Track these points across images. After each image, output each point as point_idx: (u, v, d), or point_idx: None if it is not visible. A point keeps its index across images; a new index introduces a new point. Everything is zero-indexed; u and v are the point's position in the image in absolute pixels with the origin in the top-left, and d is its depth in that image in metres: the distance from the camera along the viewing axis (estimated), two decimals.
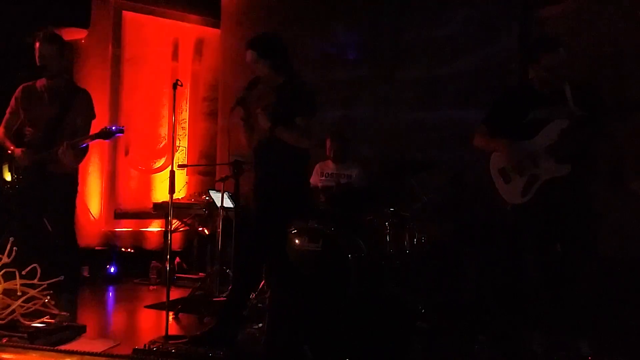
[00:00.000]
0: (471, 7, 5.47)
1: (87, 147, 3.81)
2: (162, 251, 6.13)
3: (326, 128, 5.89)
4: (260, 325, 3.68)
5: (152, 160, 6.63)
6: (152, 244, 6.42)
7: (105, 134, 3.70)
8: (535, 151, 3.17)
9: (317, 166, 5.28)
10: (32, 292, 2.84)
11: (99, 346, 3.02)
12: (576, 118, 3.08)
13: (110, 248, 6.10)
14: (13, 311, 2.77)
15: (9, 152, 3.68)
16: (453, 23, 5.55)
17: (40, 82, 3.77)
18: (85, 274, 5.65)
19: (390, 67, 5.85)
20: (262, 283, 4.17)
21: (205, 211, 5.60)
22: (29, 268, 2.85)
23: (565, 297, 3.22)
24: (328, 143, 5.15)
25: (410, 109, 5.71)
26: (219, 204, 4.95)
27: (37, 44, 3.70)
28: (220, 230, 4.96)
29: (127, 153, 6.47)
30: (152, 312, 4.50)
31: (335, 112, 6.04)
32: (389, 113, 5.81)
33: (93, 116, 3.88)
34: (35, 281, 2.85)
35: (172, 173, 3.54)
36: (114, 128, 3.73)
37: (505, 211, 3.40)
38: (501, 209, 3.44)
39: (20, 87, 3.80)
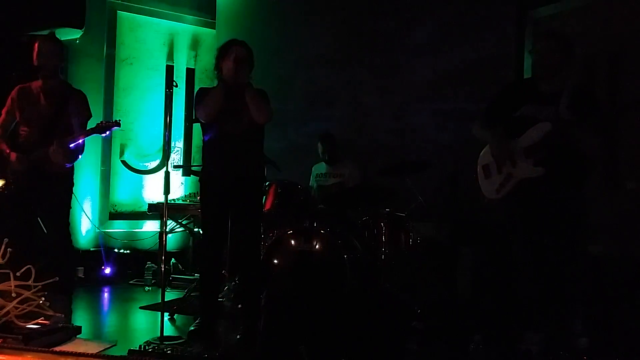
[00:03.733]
0: (467, 8, 5.48)
1: (82, 147, 3.81)
2: (157, 252, 6.12)
3: (326, 120, 5.94)
4: (256, 325, 3.67)
5: (147, 161, 6.61)
6: (147, 244, 6.40)
7: (102, 128, 3.71)
8: (515, 151, 3.24)
9: (313, 168, 5.37)
10: (26, 294, 2.83)
11: (94, 347, 3.01)
12: (560, 123, 3.12)
13: (105, 249, 6.08)
14: (8, 312, 2.76)
15: (5, 155, 3.66)
16: (450, 24, 5.56)
17: (36, 84, 3.77)
18: (80, 275, 5.64)
19: (386, 67, 5.86)
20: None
21: (200, 212, 5.58)
22: (23, 269, 2.84)
23: (557, 295, 3.27)
24: (320, 146, 5.22)
25: (407, 110, 5.72)
26: None
27: (37, 44, 3.69)
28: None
29: (122, 153, 6.45)
30: (148, 313, 4.49)
31: (335, 111, 6.06)
32: (386, 114, 5.83)
33: (89, 116, 3.87)
34: (30, 282, 2.84)
35: (168, 174, 3.53)
36: (110, 122, 3.73)
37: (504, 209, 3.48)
38: (498, 208, 3.50)
39: (17, 87, 3.79)
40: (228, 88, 3.53)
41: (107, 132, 3.78)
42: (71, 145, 3.67)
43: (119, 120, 3.77)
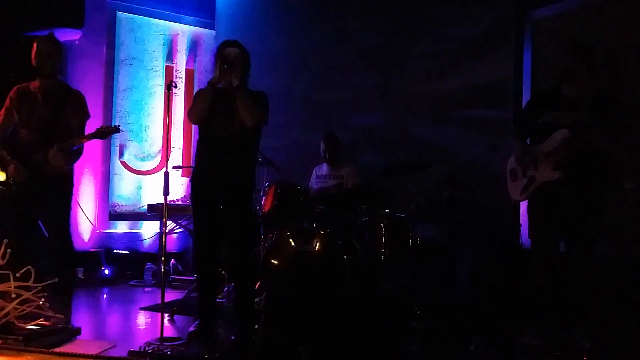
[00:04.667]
0: (466, 7, 5.49)
1: (81, 149, 3.81)
2: (157, 253, 6.12)
3: (327, 117, 5.94)
4: (256, 326, 3.68)
5: (147, 162, 6.61)
6: (146, 245, 6.40)
7: (102, 133, 3.71)
8: (538, 155, 3.46)
9: (314, 169, 5.37)
10: (26, 295, 2.84)
11: (93, 348, 3.02)
12: (580, 127, 3.27)
13: (105, 250, 6.08)
14: (7, 313, 2.76)
15: (6, 162, 3.66)
16: (449, 23, 5.56)
17: (34, 84, 3.77)
18: (80, 275, 5.64)
19: (386, 68, 5.86)
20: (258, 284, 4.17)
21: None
22: (23, 270, 2.84)
23: (564, 293, 3.40)
24: (322, 145, 5.22)
25: (407, 111, 5.72)
26: None
27: (35, 44, 3.69)
28: None
29: (121, 154, 6.46)
30: (147, 313, 4.49)
31: (336, 112, 6.07)
32: (386, 115, 5.83)
33: (87, 116, 3.88)
34: (30, 283, 2.84)
35: (167, 174, 3.53)
36: (110, 127, 3.74)
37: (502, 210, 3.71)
38: (496, 209, 3.53)
39: (14, 88, 3.78)
40: (219, 90, 3.51)
41: (107, 137, 3.79)
42: (72, 147, 3.67)
43: (119, 125, 3.78)
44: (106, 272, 5.85)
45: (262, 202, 4.54)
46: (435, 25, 5.62)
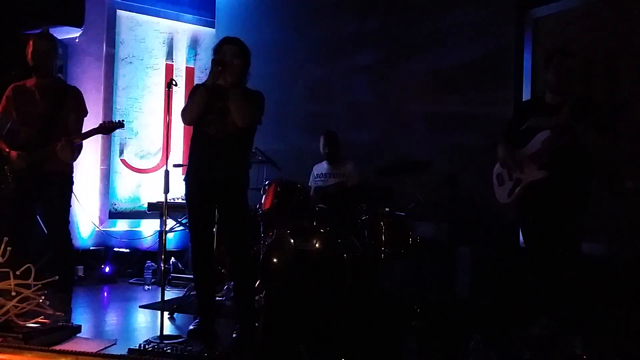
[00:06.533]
0: (466, 6, 5.48)
1: (81, 145, 3.81)
2: (157, 251, 6.12)
3: (326, 120, 5.93)
4: (256, 324, 3.68)
5: (147, 160, 6.62)
6: (147, 243, 6.41)
7: (105, 129, 3.71)
8: (522, 158, 3.57)
9: (313, 168, 5.36)
10: (26, 293, 2.84)
11: (93, 346, 3.02)
12: (560, 128, 3.40)
13: (105, 248, 6.09)
14: (7, 311, 2.77)
15: (4, 154, 3.66)
16: (448, 23, 5.56)
17: (30, 82, 3.76)
18: (80, 273, 5.64)
19: (386, 67, 5.86)
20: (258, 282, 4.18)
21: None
22: (23, 268, 2.84)
23: (557, 293, 3.46)
24: (322, 142, 5.21)
25: (407, 110, 5.72)
26: None
27: (31, 42, 3.68)
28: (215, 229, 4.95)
29: (121, 152, 6.46)
30: (147, 312, 4.49)
31: (337, 105, 6.06)
32: (386, 113, 5.83)
33: (85, 112, 3.88)
34: (30, 281, 2.84)
35: (167, 172, 3.53)
36: (113, 122, 3.74)
37: (502, 209, 3.85)
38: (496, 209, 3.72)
39: (11, 86, 3.78)
40: (215, 89, 3.47)
41: (111, 132, 3.79)
42: (76, 142, 3.68)
43: (122, 120, 3.77)
44: (106, 270, 5.85)
45: (262, 201, 4.54)
46: (435, 25, 5.62)
